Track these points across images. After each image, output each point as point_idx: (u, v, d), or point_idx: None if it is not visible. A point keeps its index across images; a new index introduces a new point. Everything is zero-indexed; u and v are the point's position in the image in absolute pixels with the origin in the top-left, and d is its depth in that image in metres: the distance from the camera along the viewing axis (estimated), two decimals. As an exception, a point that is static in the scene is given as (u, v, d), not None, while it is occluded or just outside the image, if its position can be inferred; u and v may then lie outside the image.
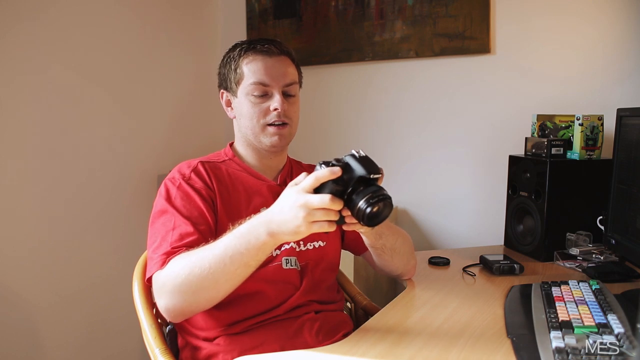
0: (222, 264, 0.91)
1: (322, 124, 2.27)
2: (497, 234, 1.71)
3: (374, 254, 1.16)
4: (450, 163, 1.97)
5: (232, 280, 0.95)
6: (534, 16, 1.76)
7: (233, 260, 0.91)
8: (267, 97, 1.14)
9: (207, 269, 0.92)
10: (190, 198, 1.08)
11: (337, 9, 2.17)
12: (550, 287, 1.11)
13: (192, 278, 0.94)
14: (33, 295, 1.84)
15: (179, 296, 0.96)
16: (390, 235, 1.12)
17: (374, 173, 0.88)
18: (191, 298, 0.96)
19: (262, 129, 1.14)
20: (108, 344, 2.05)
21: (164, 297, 0.98)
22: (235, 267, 0.91)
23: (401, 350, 0.90)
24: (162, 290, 0.98)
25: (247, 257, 0.91)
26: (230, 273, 0.92)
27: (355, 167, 0.88)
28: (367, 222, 0.87)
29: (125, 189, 2.08)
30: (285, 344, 1.06)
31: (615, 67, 1.64)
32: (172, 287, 0.96)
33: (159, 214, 1.08)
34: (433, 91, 2.00)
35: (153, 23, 2.20)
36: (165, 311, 1.00)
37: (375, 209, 0.86)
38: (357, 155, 0.89)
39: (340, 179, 0.86)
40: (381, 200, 0.86)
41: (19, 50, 1.77)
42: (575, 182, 1.49)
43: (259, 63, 1.14)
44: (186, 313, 1.01)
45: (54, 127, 1.87)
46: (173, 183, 1.11)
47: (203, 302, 0.99)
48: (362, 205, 0.86)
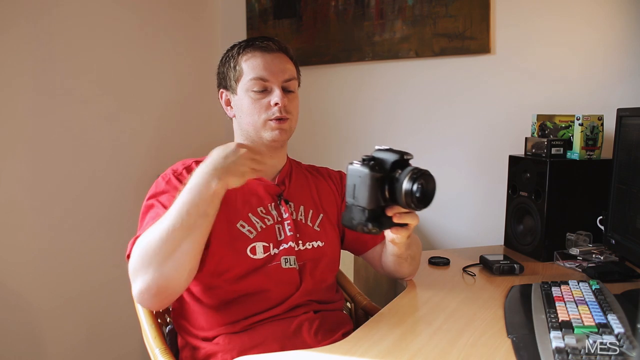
0: (180, 219, 0.94)
1: (321, 123, 2.27)
2: (497, 234, 1.70)
3: (395, 262, 1.17)
4: (450, 163, 1.97)
5: (194, 235, 0.96)
6: (534, 16, 1.76)
7: (190, 213, 0.94)
8: (267, 92, 1.14)
9: (166, 229, 0.94)
10: (177, 191, 1.06)
11: (337, 9, 2.17)
12: (550, 287, 1.11)
13: (156, 243, 0.94)
14: (34, 297, 1.84)
15: (149, 269, 0.95)
16: (413, 244, 1.15)
17: (405, 155, 0.91)
18: (159, 267, 0.94)
19: (264, 124, 1.14)
20: (108, 345, 2.05)
21: (137, 278, 0.96)
22: (194, 219, 0.95)
23: (401, 350, 0.90)
24: (133, 270, 0.97)
25: (202, 206, 0.95)
26: (190, 225, 0.94)
27: (385, 155, 0.91)
28: (418, 203, 0.88)
29: (125, 190, 2.08)
30: (284, 344, 1.06)
31: (615, 67, 1.64)
32: (141, 261, 0.95)
33: (145, 210, 1.09)
34: (433, 91, 2.00)
35: (153, 23, 2.20)
36: (139, 295, 0.97)
37: (420, 183, 0.87)
38: (382, 148, 0.94)
39: (377, 165, 0.90)
40: (422, 175, 0.88)
41: (18, 50, 1.77)
42: (575, 182, 1.49)
43: (258, 59, 1.15)
44: (161, 292, 0.97)
45: (54, 128, 1.87)
46: (163, 178, 1.13)
47: (174, 270, 0.96)
48: (407, 184, 0.88)
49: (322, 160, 1.51)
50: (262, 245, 1.11)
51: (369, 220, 0.91)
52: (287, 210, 1.17)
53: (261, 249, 1.11)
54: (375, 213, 0.92)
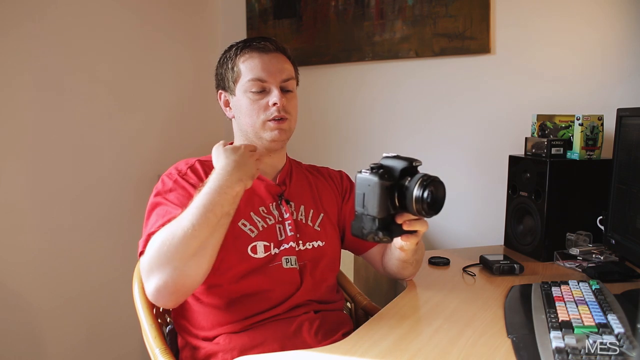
0: (205, 218, 0.95)
1: (321, 123, 2.27)
2: (497, 234, 1.70)
3: (400, 266, 1.17)
4: (450, 163, 1.97)
5: (218, 233, 0.99)
6: (534, 16, 1.76)
7: (215, 212, 0.96)
8: (265, 92, 1.14)
9: (190, 227, 0.95)
10: (185, 191, 1.08)
11: (337, 9, 2.17)
12: (550, 287, 1.11)
13: (177, 241, 0.94)
14: (34, 297, 1.84)
15: (168, 267, 0.95)
16: (419, 248, 1.15)
17: (414, 162, 0.91)
18: (180, 265, 0.95)
19: (263, 125, 1.14)
20: (109, 345, 2.05)
21: (153, 275, 0.96)
22: (217, 218, 0.97)
23: (401, 350, 0.90)
24: (149, 267, 0.97)
25: (226, 206, 0.99)
26: (214, 224, 0.97)
27: (394, 163, 0.91)
28: (428, 210, 0.88)
29: (125, 190, 2.08)
30: (285, 344, 1.06)
31: (615, 67, 1.64)
32: (159, 259, 0.95)
33: (152, 207, 1.09)
34: (433, 91, 2.00)
35: (153, 23, 2.20)
36: (155, 292, 0.97)
37: (431, 190, 0.87)
38: (390, 155, 0.93)
39: (386, 173, 0.90)
40: (432, 182, 0.87)
41: (18, 50, 1.77)
42: (575, 182, 1.49)
43: (256, 60, 1.15)
44: (179, 290, 0.98)
45: (54, 128, 1.87)
46: (169, 177, 1.12)
47: (195, 268, 0.97)
48: (417, 192, 0.87)
49: (322, 160, 1.51)
50: (263, 244, 1.12)
51: (380, 229, 0.91)
52: (287, 210, 1.17)
53: (262, 248, 1.11)
54: (386, 221, 0.92)
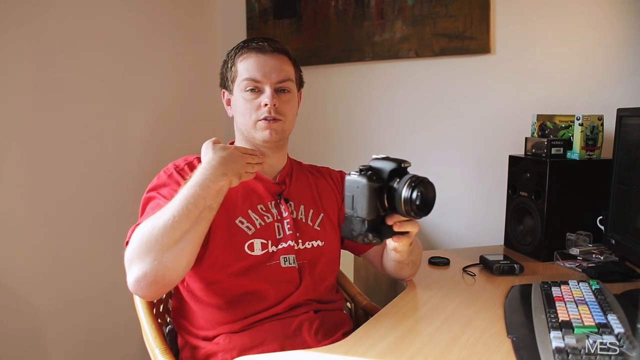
0: (186, 210, 0.95)
1: (321, 123, 2.27)
2: (497, 234, 1.70)
3: (397, 267, 1.17)
4: (450, 163, 1.97)
5: (199, 226, 0.98)
6: (534, 16, 1.76)
7: (197, 205, 0.96)
8: (259, 92, 1.15)
9: (171, 218, 0.95)
10: (178, 186, 1.06)
11: (337, 9, 2.17)
12: (550, 287, 1.11)
13: (159, 232, 0.94)
14: (35, 300, 1.84)
15: (148, 257, 0.94)
16: (415, 249, 1.15)
17: (403, 163, 0.90)
18: (159, 255, 0.94)
19: (254, 125, 1.15)
20: (109, 348, 2.05)
21: (134, 265, 0.96)
22: (199, 211, 0.97)
23: (401, 350, 0.90)
24: (131, 258, 0.97)
25: (209, 200, 0.98)
26: (194, 217, 0.96)
27: (382, 164, 0.90)
28: (417, 211, 0.87)
29: (126, 192, 2.08)
30: (284, 343, 1.06)
31: (615, 67, 1.64)
32: (139, 249, 0.95)
33: (145, 202, 1.10)
34: (433, 91, 2.00)
35: (153, 23, 2.20)
36: (135, 282, 0.96)
37: (420, 191, 0.86)
38: (379, 157, 0.92)
39: (375, 175, 0.89)
40: (420, 182, 0.87)
41: (18, 49, 1.77)
42: (575, 182, 1.49)
43: (251, 60, 1.15)
44: (158, 281, 0.97)
45: (54, 128, 1.87)
46: (165, 172, 1.14)
47: (174, 260, 0.96)
48: (405, 193, 0.87)
49: (322, 160, 1.51)
50: (260, 242, 1.12)
51: (369, 230, 0.91)
52: (286, 209, 1.17)
53: (259, 245, 1.11)
54: (375, 223, 0.92)
